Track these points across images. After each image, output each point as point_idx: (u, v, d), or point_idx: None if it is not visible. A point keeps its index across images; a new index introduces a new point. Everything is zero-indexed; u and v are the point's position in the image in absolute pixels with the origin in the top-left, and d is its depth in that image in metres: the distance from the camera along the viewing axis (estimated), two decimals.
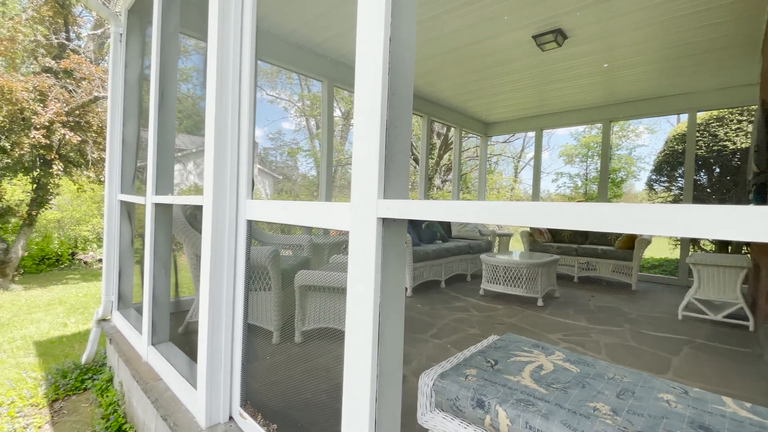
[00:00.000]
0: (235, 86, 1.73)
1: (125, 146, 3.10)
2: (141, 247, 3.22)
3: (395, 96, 0.97)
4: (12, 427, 2.48)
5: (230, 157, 1.73)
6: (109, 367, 3.07)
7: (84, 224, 9.74)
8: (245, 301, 1.77)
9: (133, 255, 3.16)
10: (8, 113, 6.64)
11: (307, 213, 1.38)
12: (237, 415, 1.74)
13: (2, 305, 5.74)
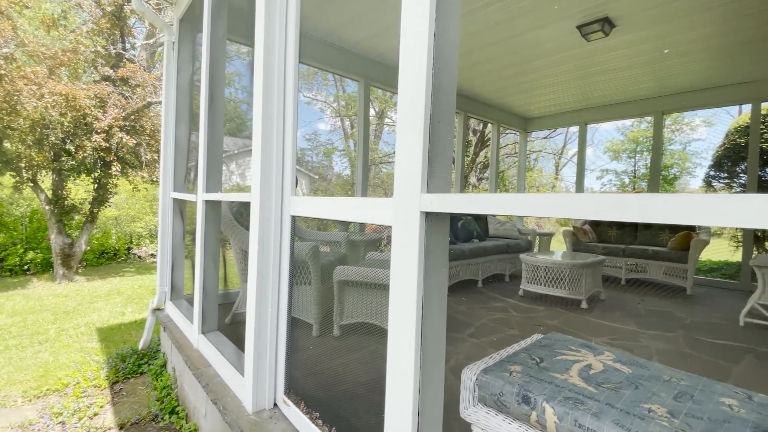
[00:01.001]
0: (280, 89, 1.80)
1: (177, 148, 3.31)
2: (191, 242, 3.42)
3: (439, 91, 0.98)
4: (77, 405, 2.73)
5: (275, 156, 1.80)
6: (163, 354, 3.29)
7: (138, 221, 10.47)
8: (289, 294, 1.84)
9: (184, 249, 3.37)
10: (73, 119, 7.27)
11: (349, 208, 1.42)
12: (281, 402, 1.82)
13: (68, 295, 6.30)
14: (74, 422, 2.53)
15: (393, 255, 1.08)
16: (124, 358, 3.31)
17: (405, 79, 1.02)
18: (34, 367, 3.31)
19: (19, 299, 5.95)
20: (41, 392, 2.91)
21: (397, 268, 1.05)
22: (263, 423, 1.73)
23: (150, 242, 10.74)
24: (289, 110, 1.79)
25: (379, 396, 1.97)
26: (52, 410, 2.66)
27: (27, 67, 6.98)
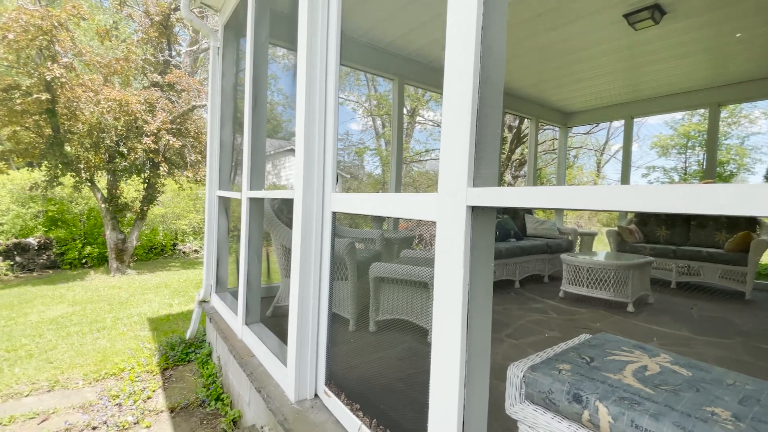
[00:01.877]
0: (321, 89, 1.85)
1: (222, 148, 3.47)
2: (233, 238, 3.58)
3: (486, 83, 0.97)
4: (132, 389, 2.93)
5: (317, 154, 1.85)
6: (208, 343, 3.47)
7: (183, 219, 11.06)
8: (330, 288, 1.88)
9: (228, 245, 3.53)
10: (125, 123, 7.79)
11: (391, 204, 1.43)
12: (322, 393, 1.87)
13: (121, 287, 6.77)
14: (130, 404, 2.73)
15: (437, 250, 1.09)
16: (173, 346, 3.52)
17: (451, 71, 1.02)
18: (93, 353, 3.59)
19: (78, 290, 6.47)
20: (100, 376, 3.15)
21: (442, 263, 1.05)
22: (305, 412, 1.78)
23: (193, 239, 11.31)
24: (330, 109, 1.83)
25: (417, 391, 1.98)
26: (110, 393, 2.88)
27: (85, 75, 7.56)
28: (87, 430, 2.45)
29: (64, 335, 4.08)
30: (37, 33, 6.67)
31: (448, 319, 1.03)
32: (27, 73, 6.98)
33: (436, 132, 15.00)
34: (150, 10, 8.91)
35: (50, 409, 2.67)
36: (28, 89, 6.90)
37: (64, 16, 7.06)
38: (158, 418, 2.59)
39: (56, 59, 6.97)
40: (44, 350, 3.65)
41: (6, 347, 3.73)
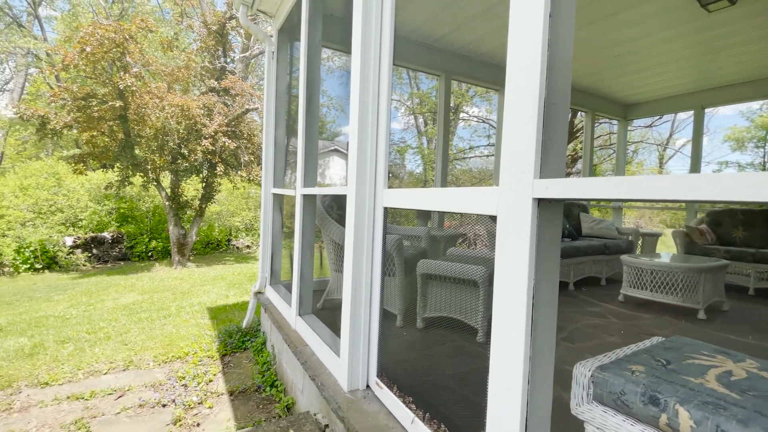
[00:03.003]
0: (374, 88, 1.89)
1: (277, 148, 3.64)
2: (287, 233, 3.74)
3: (554, 71, 0.95)
4: (196, 371, 3.15)
5: (370, 151, 1.89)
6: (263, 332, 3.66)
7: (236, 216, 11.71)
8: (381, 283, 1.92)
9: (282, 239, 3.70)
10: (186, 126, 8.38)
11: (446, 199, 1.43)
12: (373, 385, 1.91)
13: (183, 278, 7.30)
14: (194, 385, 2.95)
15: (498, 245, 1.07)
16: (231, 334, 3.75)
17: (515, 60, 1.00)
18: (161, 337, 3.91)
19: (146, 280, 7.07)
20: (167, 358, 3.43)
21: (504, 258, 1.04)
22: (358, 401, 1.83)
23: (245, 235, 11.94)
24: (383, 107, 1.86)
25: (468, 389, 1.96)
26: (177, 374, 3.13)
27: (151, 83, 8.23)
28: (158, 406, 2.68)
29: (135, 320, 4.48)
30: (110, 46, 7.36)
31: (511, 315, 1.01)
32: (102, 82, 7.73)
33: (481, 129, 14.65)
34: (207, 20, 9.51)
35: (125, 386, 2.96)
36: (104, 97, 7.64)
37: (134, 29, 7.72)
38: (219, 399, 2.78)
39: (127, 69, 7.66)
40: (119, 333, 4.04)
41: (87, 330, 4.17)
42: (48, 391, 2.87)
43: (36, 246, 8.24)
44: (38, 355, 3.47)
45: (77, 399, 2.75)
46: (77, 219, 9.46)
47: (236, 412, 2.63)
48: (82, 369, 3.18)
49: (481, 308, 2.48)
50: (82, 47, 7.10)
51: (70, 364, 3.26)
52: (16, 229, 8.31)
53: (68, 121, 7.67)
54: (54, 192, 9.62)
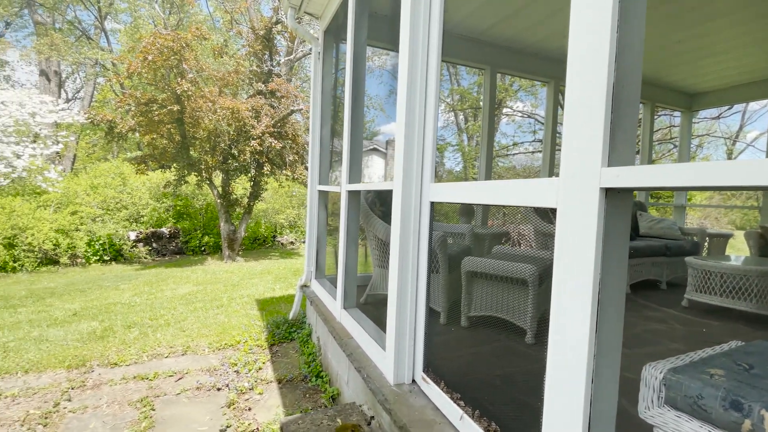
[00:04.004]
0: (422, 82, 1.88)
1: (322, 146, 3.73)
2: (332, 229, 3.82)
3: (624, 52, 0.89)
4: (247, 359, 3.31)
5: (417, 145, 1.88)
6: (308, 324, 3.77)
7: (281, 213, 12.15)
8: (427, 279, 1.91)
9: (326, 235, 3.79)
10: (236, 128, 8.81)
11: (499, 191, 1.40)
12: (419, 379, 1.91)
13: (233, 271, 7.70)
14: (245, 372, 3.10)
15: (558, 239, 1.03)
16: (278, 325, 3.90)
17: (578, 41, 0.95)
18: (215, 326, 4.15)
19: (199, 273, 7.52)
20: (221, 345, 3.63)
21: (565, 252, 0.99)
22: (404, 395, 1.84)
23: (289, 232, 12.38)
24: (431, 101, 1.85)
25: (517, 390, 1.90)
26: (230, 360, 3.30)
27: (205, 88, 8.73)
28: (213, 390, 2.85)
29: (191, 309, 4.79)
30: (169, 54, 7.90)
31: (574, 313, 0.97)
32: (161, 88, 8.32)
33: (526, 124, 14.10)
34: (255, 26, 9.94)
35: (184, 369, 3.17)
36: (163, 102, 8.22)
37: (190, 38, 8.23)
38: (268, 387, 2.90)
39: (183, 75, 8.18)
40: (178, 321, 4.34)
41: (149, 316, 4.51)
42: (117, 370, 3.15)
43: (104, 239, 9.05)
44: (108, 337, 3.81)
45: (142, 379, 2.99)
46: (139, 215, 10.27)
47: (284, 399, 2.73)
48: (147, 352, 3.45)
49: (530, 308, 2.40)
50: (144, 56, 7.68)
51: (136, 347, 3.55)
52: (87, 224, 9.17)
53: (132, 125, 8.34)
54: (119, 190, 10.51)
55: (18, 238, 8.07)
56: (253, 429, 2.37)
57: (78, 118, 10.81)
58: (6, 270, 7.83)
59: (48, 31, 17.04)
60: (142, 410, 2.55)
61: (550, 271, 2.74)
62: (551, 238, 3.28)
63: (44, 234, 8.22)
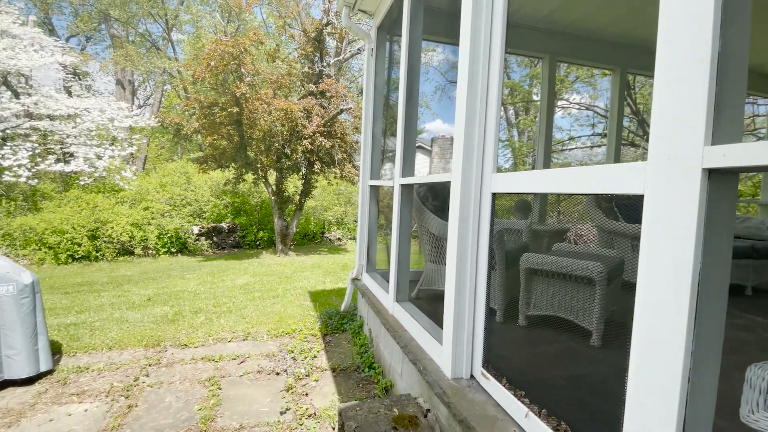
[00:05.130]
0: (484, 66, 1.83)
1: (374, 141, 3.77)
2: (382, 223, 3.86)
3: (730, 15, 0.80)
4: (303, 347, 3.44)
5: (478, 132, 1.84)
6: (360, 316, 3.84)
7: (329, 210, 12.48)
8: (488, 274, 1.86)
9: (377, 230, 3.83)
10: (289, 128, 9.17)
11: (574, 178, 1.32)
12: (478, 375, 1.87)
13: (285, 265, 8.03)
14: (301, 359, 3.22)
15: (647, 228, 0.95)
16: (331, 316, 4.01)
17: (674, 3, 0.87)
18: (272, 314, 4.35)
19: (256, 265, 7.93)
20: (278, 333, 3.80)
21: (656, 243, 0.92)
22: (462, 389, 1.81)
23: (336, 228, 12.68)
24: (494, 86, 1.79)
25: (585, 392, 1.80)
26: (287, 347, 3.45)
27: (261, 90, 9.17)
28: (272, 374, 2.99)
29: (250, 298, 5.06)
30: (229, 59, 8.39)
31: (667, 309, 0.89)
32: (222, 92, 8.87)
33: (583, 117, 13.28)
34: (307, 29, 10.27)
35: (246, 354, 3.36)
36: (223, 105, 8.75)
37: (248, 43, 8.68)
38: (323, 374, 3.00)
39: (242, 79, 8.66)
40: (238, 308, 4.61)
41: (213, 304, 4.84)
42: (186, 351, 3.41)
43: (172, 233, 9.83)
44: (178, 321, 4.14)
45: (209, 360, 3.21)
46: (202, 211, 11.05)
47: (339, 387, 2.80)
48: (212, 335, 3.70)
49: (597, 309, 2.25)
50: (208, 62, 8.23)
51: (203, 330, 3.83)
52: (157, 218, 10.02)
53: (197, 126, 8.97)
54: (184, 188, 11.36)
55: (100, 230, 9.01)
56: (311, 413, 2.46)
57: (149, 122, 11.83)
58: (90, 259, 8.78)
59: (123, 43, 18.85)
60: (210, 388, 2.75)
61: (619, 270, 2.56)
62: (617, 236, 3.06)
63: (121, 227, 9.11)
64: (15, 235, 8.49)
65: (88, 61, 18.09)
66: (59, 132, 10.29)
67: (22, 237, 8.47)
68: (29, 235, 8.49)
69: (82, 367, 3.06)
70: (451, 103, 5.74)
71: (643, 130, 8.06)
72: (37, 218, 8.79)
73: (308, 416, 2.44)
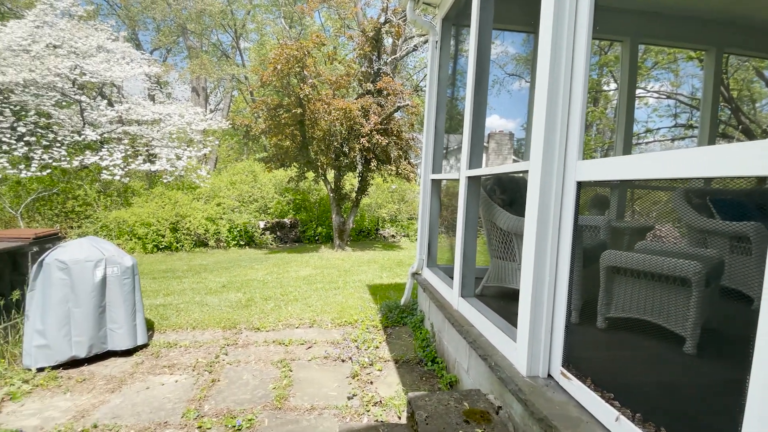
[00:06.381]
0: (569, 51, 1.72)
1: (437, 135, 3.74)
2: (444, 217, 3.81)
3: None
4: (365, 337, 3.50)
5: (560, 117, 1.74)
6: (420, 311, 3.83)
7: (383, 208, 12.62)
8: (570, 270, 1.75)
9: (438, 224, 3.79)
10: (347, 127, 9.40)
11: (695, 159, 1.16)
12: (557, 375, 1.77)
13: (343, 259, 8.26)
14: (364, 348, 3.29)
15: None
16: (391, 309, 4.05)
17: None
18: (334, 304, 4.50)
19: (316, 259, 8.25)
20: (341, 322, 3.92)
21: None
22: (540, 388, 1.73)
23: (390, 226, 12.78)
24: (579, 71, 1.68)
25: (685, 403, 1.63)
26: (350, 336, 3.54)
27: (322, 91, 9.50)
28: (338, 361, 3.09)
29: (312, 289, 5.28)
30: (294, 62, 8.79)
31: None
32: (287, 94, 9.32)
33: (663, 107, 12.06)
34: (366, 28, 10.44)
35: (312, 340, 3.50)
36: (288, 106, 9.20)
37: (311, 45, 9.03)
38: (386, 365, 3.03)
39: (305, 81, 9.03)
40: (303, 297, 4.82)
41: (280, 292, 5.11)
42: (259, 335, 3.64)
43: (241, 227, 10.56)
44: (250, 306, 4.43)
45: (279, 344, 3.40)
46: (267, 207, 11.73)
47: (402, 378, 2.82)
48: (281, 321, 3.91)
49: (693, 314, 2.03)
50: (274, 66, 8.69)
51: (272, 316, 4.06)
52: (228, 213, 10.82)
53: (264, 128, 9.53)
54: (251, 186, 12.14)
55: (179, 223, 9.94)
56: (377, 401, 2.50)
57: (221, 125, 12.79)
58: (171, 249, 9.72)
59: (198, 53, 20.59)
60: (282, 370, 2.91)
61: (718, 272, 2.29)
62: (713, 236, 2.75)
63: (198, 221, 9.96)
64: (111, 226, 9.65)
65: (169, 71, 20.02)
66: (146, 135, 11.51)
67: (117, 228, 9.61)
68: (122, 226, 9.61)
69: (171, 343, 3.39)
70: (509, 97, 5.42)
71: (738, 119, 7.06)
72: (128, 212, 9.92)
73: (374, 404, 2.48)
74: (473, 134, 2.73)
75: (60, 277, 2.89)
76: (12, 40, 9.27)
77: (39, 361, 2.83)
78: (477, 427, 1.78)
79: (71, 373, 2.85)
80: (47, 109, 10.23)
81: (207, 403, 2.48)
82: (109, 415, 2.35)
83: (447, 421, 1.82)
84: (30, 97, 9.84)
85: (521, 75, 6.65)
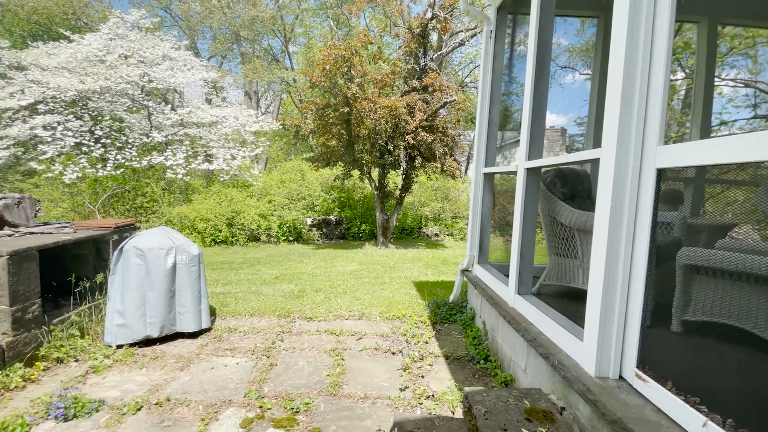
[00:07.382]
0: (648, 26, 1.59)
1: (490, 127, 3.64)
2: (497, 211, 3.70)
3: None
4: (414, 332, 3.49)
5: (638, 98, 1.61)
6: (470, 308, 3.76)
7: (426, 206, 12.53)
8: (648, 265, 1.62)
9: (490, 220, 3.69)
10: (392, 125, 9.42)
11: None
12: (630, 376, 1.65)
13: (387, 256, 8.29)
14: (414, 342, 3.28)
15: None
16: (439, 305, 4.00)
17: None
18: (381, 299, 4.53)
19: (360, 255, 8.37)
20: (389, 316, 3.93)
21: None
22: (611, 389, 1.62)
23: (433, 224, 12.65)
24: (662, 50, 1.55)
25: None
26: (399, 330, 3.55)
27: (368, 90, 9.60)
28: (389, 353, 3.10)
29: (360, 283, 5.36)
30: (342, 62, 8.96)
31: None
32: (334, 94, 9.52)
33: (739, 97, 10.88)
34: (412, 24, 10.41)
35: (362, 331, 3.55)
36: (335, 106, 9.39)
37: (359, 45, 9.16)
38: (437, 360, 3.00)
39: (352, 80, 9.18)
40: (351, 290, 4.91)
41: (329, 285, 5.24)
42: (311, 324, 3.75)
43: (290, 223, 10.96)
44: (302, 297, 4.58)
45: (331, 334, 3.48)
46: (313, 205, 12.08)
47: (454, 374, 2.77)
48: (332, 312, 4.01)
49: None
50: (323, 67, 8.92)
51: (323, 307, 4.17)
52: (278, 210, 11.27)
53: (312, 128, 9.81)
54: (300, 184, 12.56)
55: (235, 219, 10.51)
56: (429, 395, 2.48)
57: (272, 126, 13.35)
58: (227, 243, 10.30)
59: (251, 58, 21.64)
60: (335, 358, 2.97)
61: None
62: None
63: (251, 217, 10.48)
64: (174, 221, 10.40)
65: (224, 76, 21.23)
66: (204, 137, 12.29)
67: (179, 223, 10.35)
68: (184, 221, 10.33)
69: (232, 328, 3.59)
70: (560, 90, 5.21)
71: None
72: (189, 208, 10.65)
73: (426, 397, 2.46)
74: (533, 124, 2.62)
75: (137, 263, 3.16)
76: (89, 51, 10.31)
77: (118, 338, 3.12)
78: (540, 426, 1.70)
79: (145, 351, 3.11)
80: (120, 114, 11.24)
81: (266, 385, 2.59)
82: (180, 390, 2.53)
83: (507, 418, 1.76)
84: (105, 103, 10.87)
85: (574, 67, 6.26)
